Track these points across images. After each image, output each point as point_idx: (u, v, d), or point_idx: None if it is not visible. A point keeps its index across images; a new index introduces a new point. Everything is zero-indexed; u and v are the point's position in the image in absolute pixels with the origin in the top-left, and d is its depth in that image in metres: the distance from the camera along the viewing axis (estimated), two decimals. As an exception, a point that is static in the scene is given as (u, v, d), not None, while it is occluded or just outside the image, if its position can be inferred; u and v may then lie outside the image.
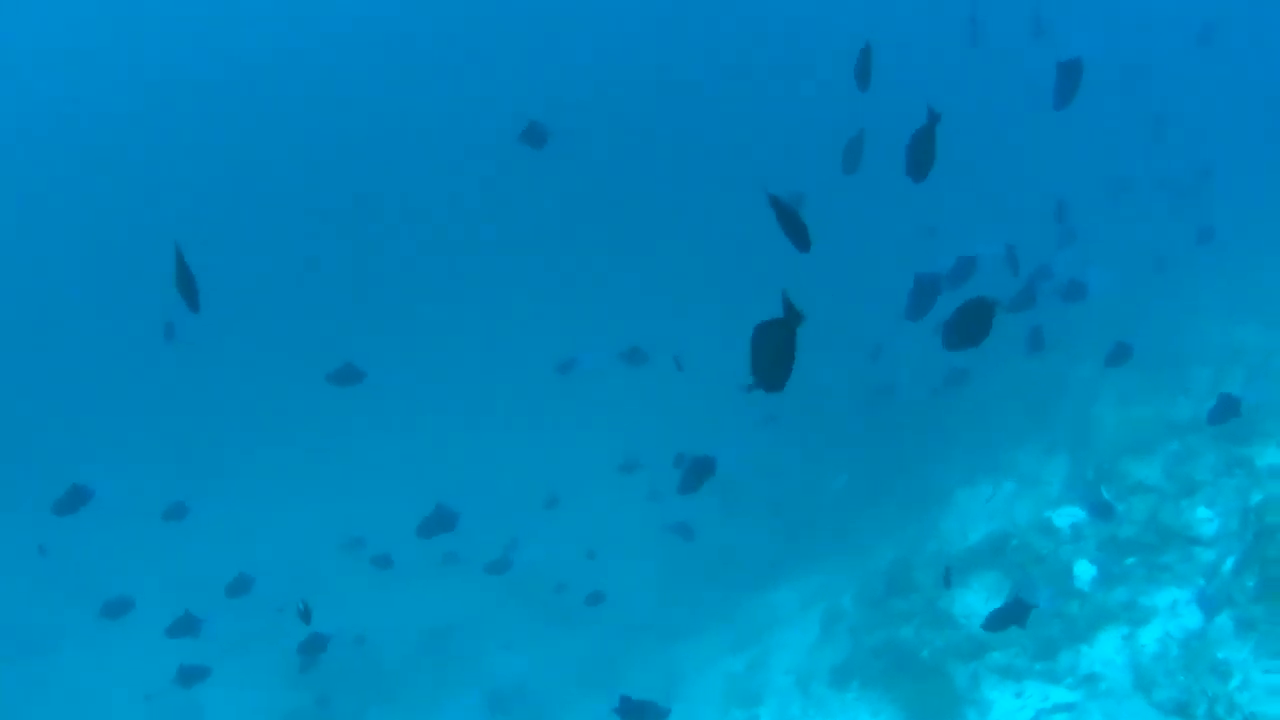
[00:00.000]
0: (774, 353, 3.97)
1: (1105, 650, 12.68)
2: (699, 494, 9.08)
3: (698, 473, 8.70)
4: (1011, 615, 9.43)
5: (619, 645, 19.32)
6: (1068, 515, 14.90)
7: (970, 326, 5.73)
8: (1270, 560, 11.54)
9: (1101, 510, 13.94)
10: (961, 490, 17.44)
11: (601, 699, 16.16)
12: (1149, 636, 12.32)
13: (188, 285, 5.47)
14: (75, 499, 8.21)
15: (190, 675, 10.63)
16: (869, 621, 15.36)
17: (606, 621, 19.06)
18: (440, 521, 10.77)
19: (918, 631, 14.59)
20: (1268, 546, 11.77)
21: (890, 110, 15.15)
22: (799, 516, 20.71)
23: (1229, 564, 12.75)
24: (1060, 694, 12.47)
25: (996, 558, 15.13)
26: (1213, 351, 17.45)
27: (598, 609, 16.71)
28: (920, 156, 6.03)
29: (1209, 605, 12.22)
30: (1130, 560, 14.08)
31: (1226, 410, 11.28)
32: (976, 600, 14.71)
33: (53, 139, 35.49)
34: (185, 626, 9.25)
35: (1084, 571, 14.01)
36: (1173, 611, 12.63)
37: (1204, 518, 14.43)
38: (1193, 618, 12.09)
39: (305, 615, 7.97)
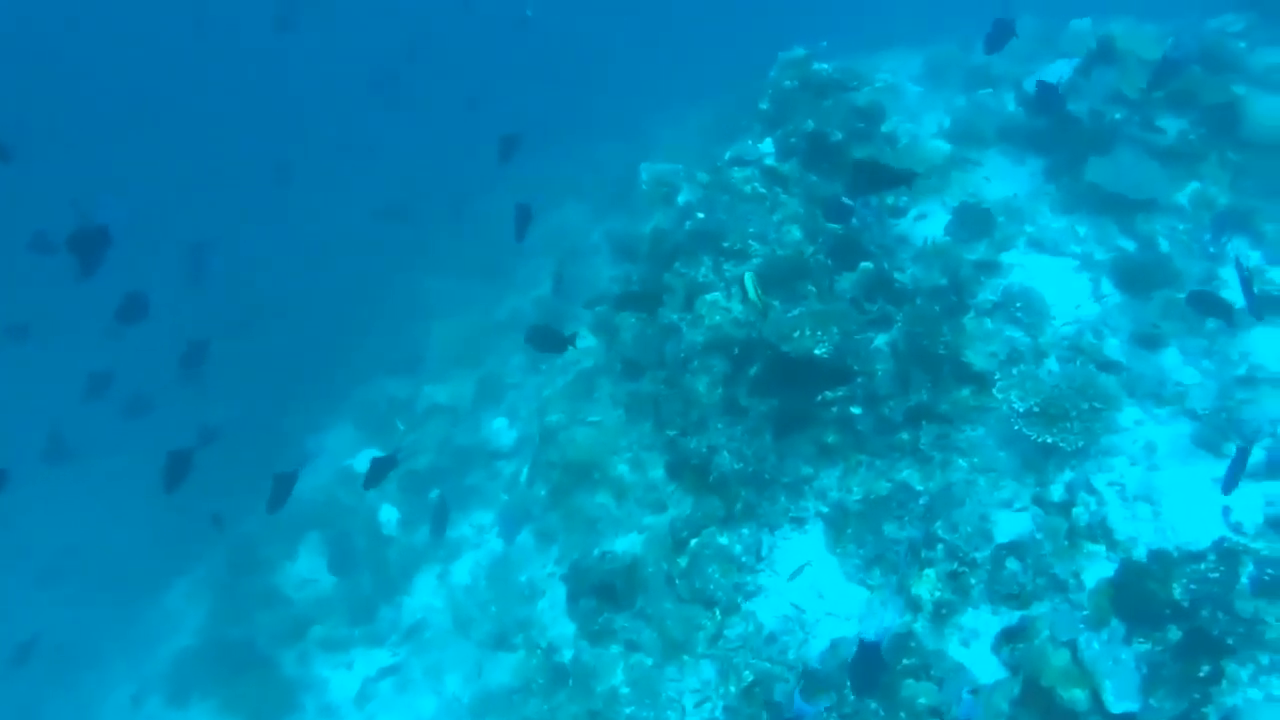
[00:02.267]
0: None
1: (423, 596, 14.15)
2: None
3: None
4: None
5: None
6: (367, 457, 15.95)
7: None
8: (553, 464, 13.57)
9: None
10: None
11: None
12: (461, 571, 13.97)
13: None
14: None
15: None
16: (218, 614, 15.25)
17: None
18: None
19: (245, 621, 14.88)
20: (549, 449, 13.83)
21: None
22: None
23: (524, 474, 14.80)
24: (385, 656, 13.64)
25: (316, 517, 15.94)
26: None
27: None
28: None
29: (510, 523, 14.16)
30: (434, 492, 15.63)
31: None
32: (305, 567, 15.54)
33: None
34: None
35: (389, 515, 15.30)
36: (479, 537, 14.43)
37: (501, 428, 16.49)
38: (497, 541, 13.92)
39: None
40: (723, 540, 9.92)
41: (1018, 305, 10.80)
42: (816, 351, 10.25)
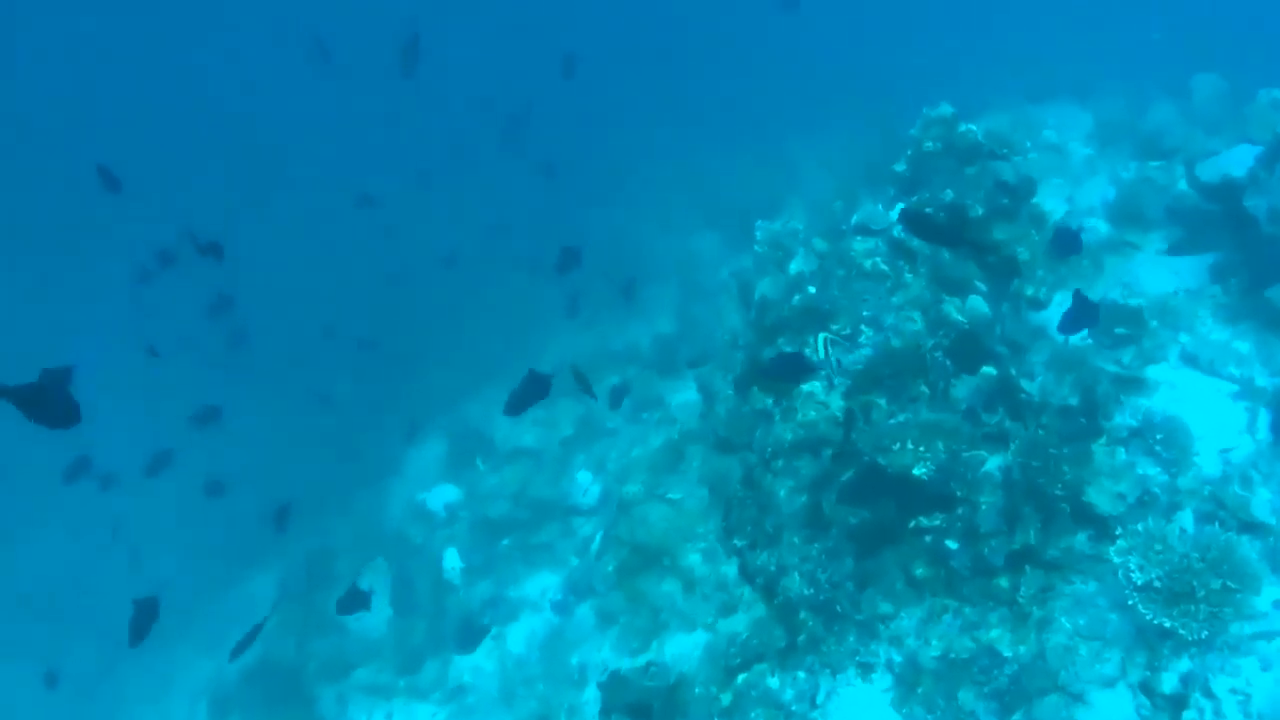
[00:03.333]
0: None
1: (476, 655, 13.78)
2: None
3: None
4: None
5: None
6: (441, 495, 15.71)
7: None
8: (623, 541, 13.06)
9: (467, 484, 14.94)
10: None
11: None
12: (517, 636, 13.56)
13: None
14: None
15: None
16: (282, 625, 15.25)
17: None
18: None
19: (301, 644, 14.75)
20: (621, 524, 13.32)
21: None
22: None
23: (597, 541, 14.30)
24: (426, 711, 13.33)
25: (385, 547, 15.74)
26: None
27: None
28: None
29: (573, 594, 13.68)
30: (505, 542, 15.22)
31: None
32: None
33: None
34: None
35: (454, 562, 14.97)
36: (541, 603, 13.99)
37: (585, 482, 15.98)
38: (559, 610, 13.44)
39: None
40: (773, 683, 9.18)
41: (1158, 436, 9.77)
42: (916, 471, 9.40)
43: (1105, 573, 9.08)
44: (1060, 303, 11.31)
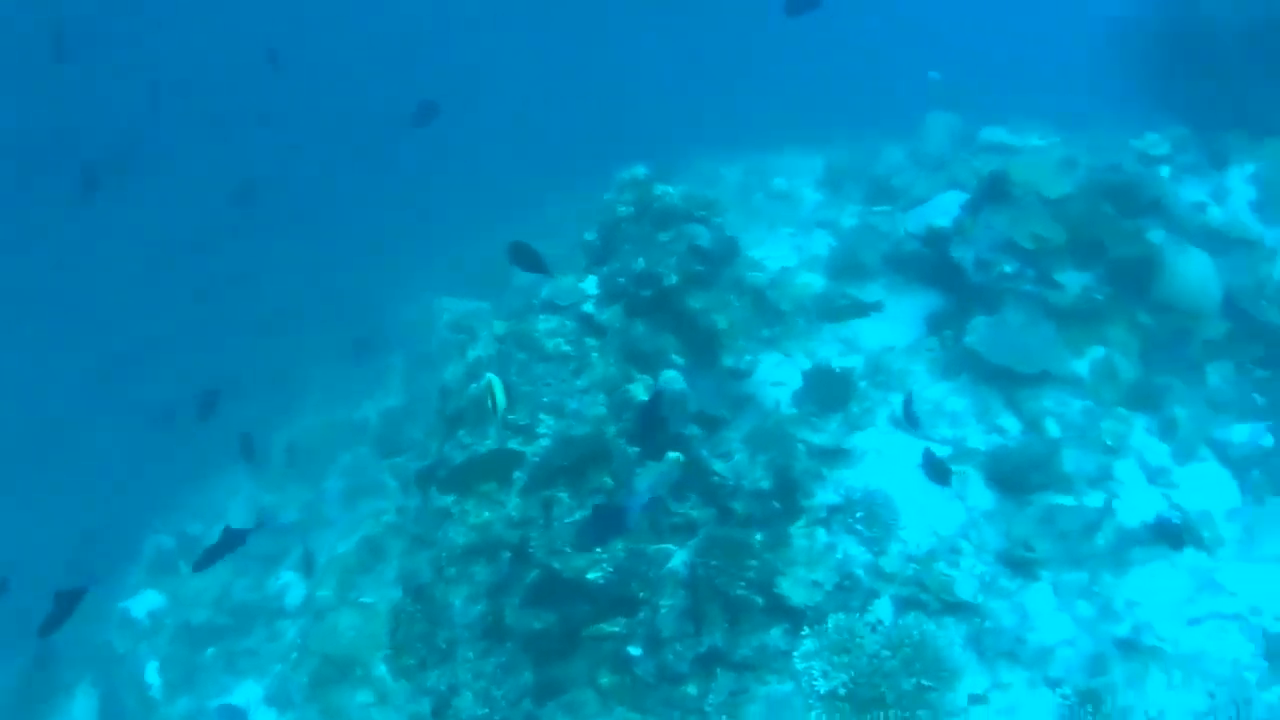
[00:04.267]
0: None
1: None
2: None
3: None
4: None
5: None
6: (145, 602, 14.25)
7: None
8: (313, 651, 11.72)
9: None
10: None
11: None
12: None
13: None
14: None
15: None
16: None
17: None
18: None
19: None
20: (313, 632, 11.99)
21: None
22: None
23: (297, 650, 12.89)
24: None
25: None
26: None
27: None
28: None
29: (273, 706, 12.28)
30: (210, 651, 13.72)
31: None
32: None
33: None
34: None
35: (154, 676, 13.49)
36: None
37: (289, 583, 14.56)
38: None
39: None
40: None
41: (859, 514, 8.86)
42: (590, 576, 8.30)
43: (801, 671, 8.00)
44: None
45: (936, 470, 8.89)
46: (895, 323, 11.38)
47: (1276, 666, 7.77)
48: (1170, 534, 8.53)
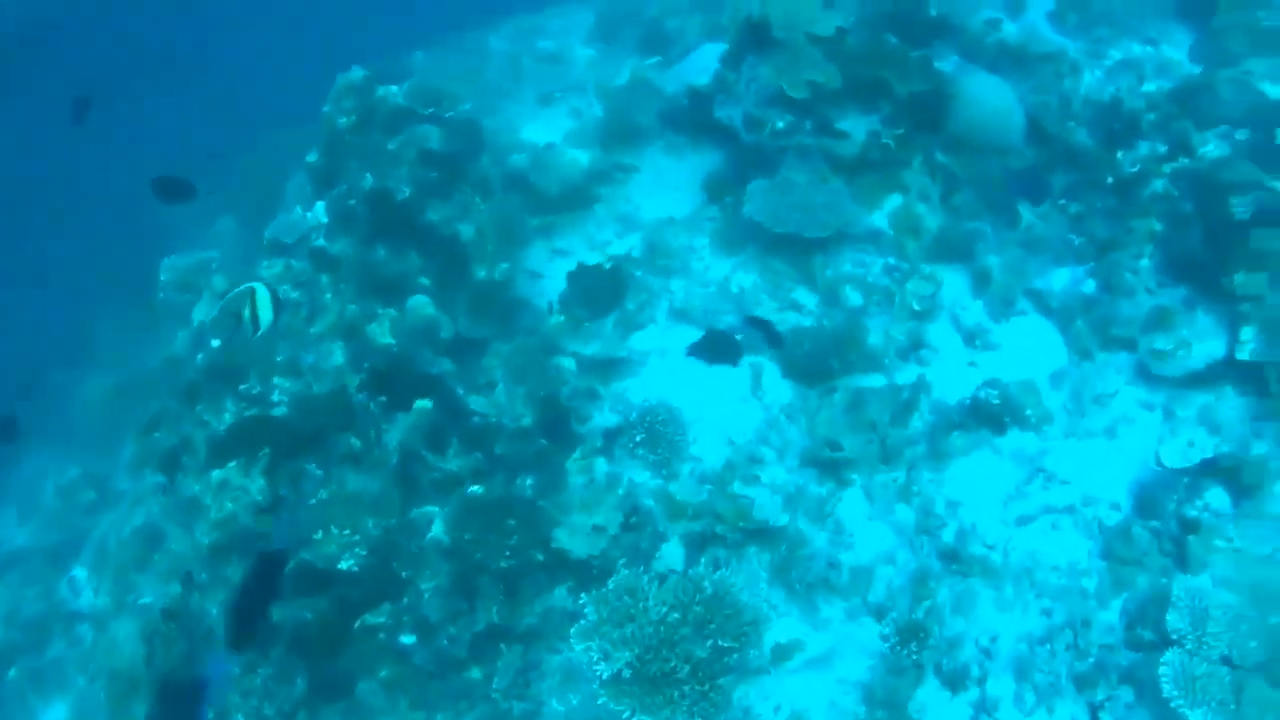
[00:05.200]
0: None
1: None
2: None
3: None
4: None
5: None
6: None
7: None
8: (101, 667, 10.36)
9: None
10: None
11: None
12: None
13: None
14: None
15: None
16: None
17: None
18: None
19: None
20: (98, 645, 10.61)
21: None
22: None
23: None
24: None
25: None
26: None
27: None
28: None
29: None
30: (12, 673, 12.23)
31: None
32: None
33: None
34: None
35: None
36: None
37: (81, 582, 12.91)
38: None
39: None
40: None
41: (638, 436, 7.52)
42: (342, 565, 6.89)
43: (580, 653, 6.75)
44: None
45: (721, 349, 7.55)
46: (675, 191, 10.02)
47: (1114, 568, 6.72)
48: (990, 416, 7.33)
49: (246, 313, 6.60)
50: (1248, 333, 6.98)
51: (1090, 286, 8.19)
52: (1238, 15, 9.60)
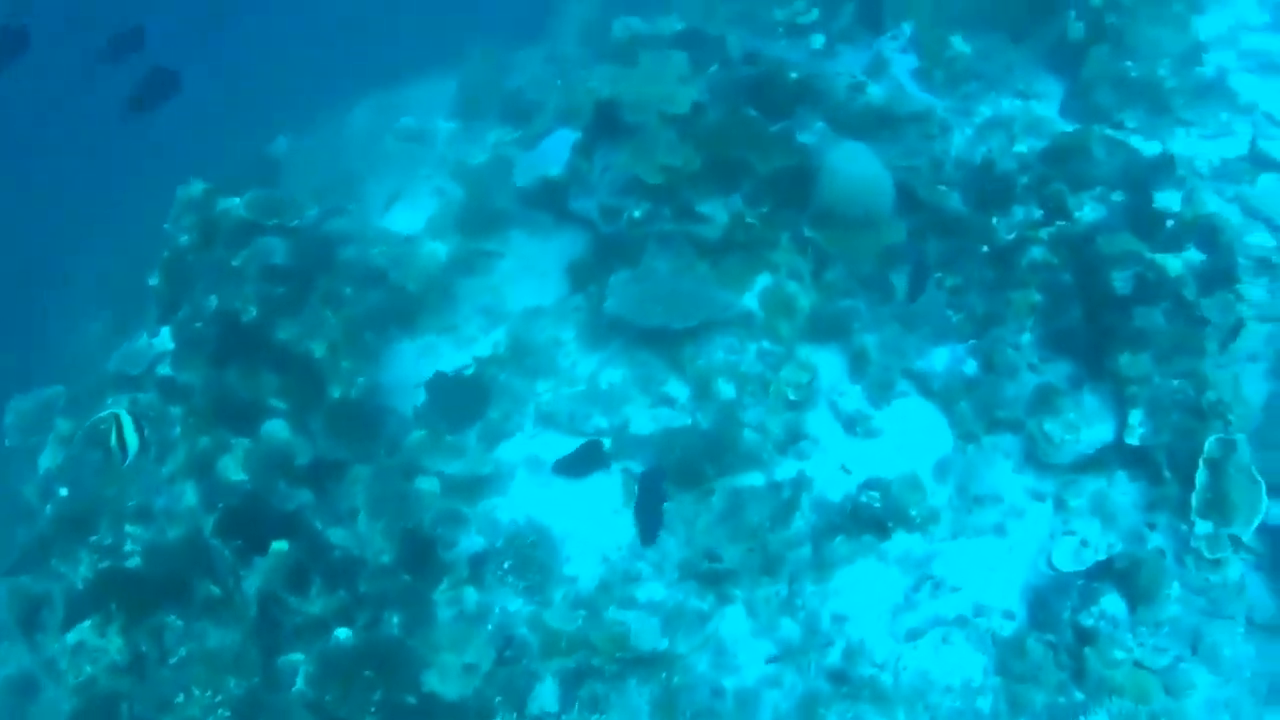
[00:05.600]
0: None
1: None
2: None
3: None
4: None
5: None
6: None
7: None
8: None
9: None
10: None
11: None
12: None
13: None
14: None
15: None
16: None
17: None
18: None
19: None
20: None
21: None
22: None
23: None
24: None
25: None
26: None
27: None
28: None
29: None
30: None
31: None
32: None
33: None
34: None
35: None
36: None
37: None
38: None
39: None
40: None
41: (506, 563, 7.01)
42: None
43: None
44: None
45: (590, 458, 7.66)
46: (541, 277, 9.57)
47: (1010, 685, 6.32)
48: (873, 521, 6.94)
49: (113, 440, 6.30)
50: (1135, 416, 6.66)
51: (972, 366, 7.81)
52: (1105, 66, 9.36)
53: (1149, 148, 8.59)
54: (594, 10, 13.66)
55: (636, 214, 8.39)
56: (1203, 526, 6.25)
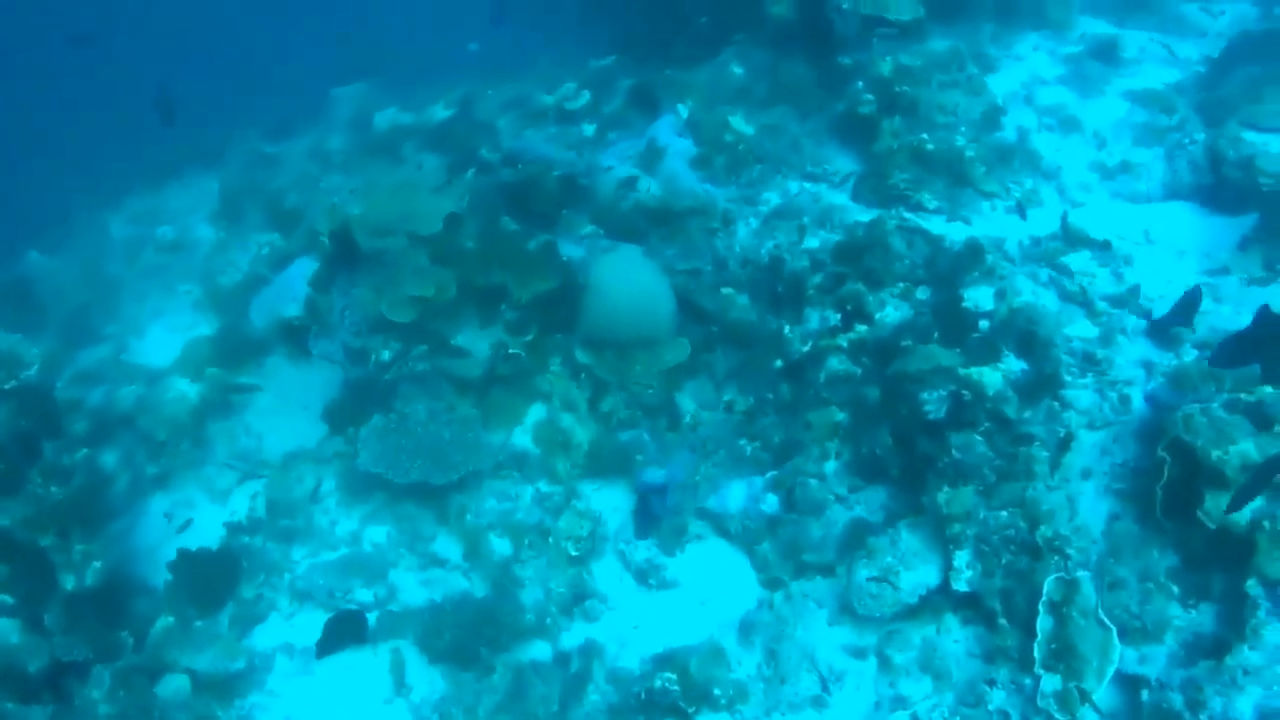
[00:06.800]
0: None
1: None
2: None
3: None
4: None
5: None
6: None
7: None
8: None
9: None
10: None
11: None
12: None
13: None
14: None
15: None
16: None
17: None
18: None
19: None
20: None
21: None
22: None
23: None
24: None
25: None
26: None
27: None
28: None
29: None
30: None
31: None
32: None
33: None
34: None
35: None
36: None
37: None
38: None
39: None
40: None
41: None
42: None
43: None
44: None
45: (353, 635, 6.80)
46: (301, 410, 8.43)
47: None
48: (672, 709, 5.99)
49: None
50: (961, 558, 5.80)
51: (772, 503, 6.93)
52: (900, 139, 8.64)
53: (953, 231, 7.81)
54: (366, 92, 12.65)
55: (385, 355, 7.33)
56: (1050, 681, 5.40)
